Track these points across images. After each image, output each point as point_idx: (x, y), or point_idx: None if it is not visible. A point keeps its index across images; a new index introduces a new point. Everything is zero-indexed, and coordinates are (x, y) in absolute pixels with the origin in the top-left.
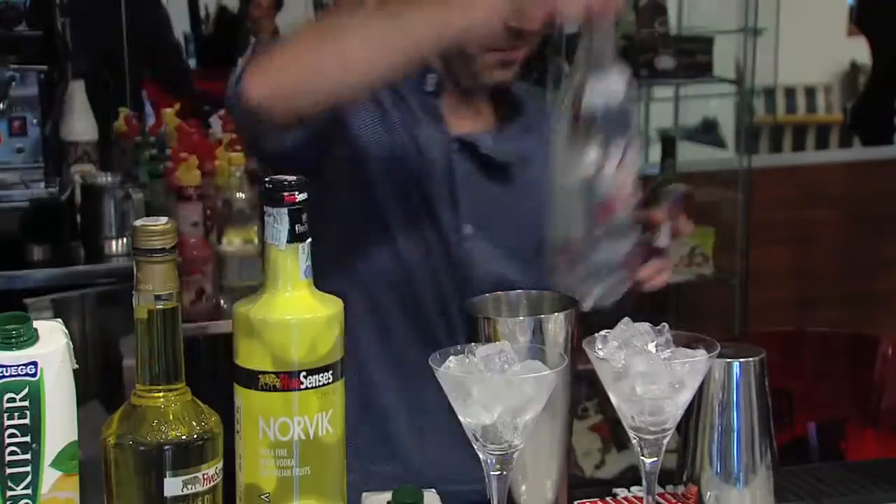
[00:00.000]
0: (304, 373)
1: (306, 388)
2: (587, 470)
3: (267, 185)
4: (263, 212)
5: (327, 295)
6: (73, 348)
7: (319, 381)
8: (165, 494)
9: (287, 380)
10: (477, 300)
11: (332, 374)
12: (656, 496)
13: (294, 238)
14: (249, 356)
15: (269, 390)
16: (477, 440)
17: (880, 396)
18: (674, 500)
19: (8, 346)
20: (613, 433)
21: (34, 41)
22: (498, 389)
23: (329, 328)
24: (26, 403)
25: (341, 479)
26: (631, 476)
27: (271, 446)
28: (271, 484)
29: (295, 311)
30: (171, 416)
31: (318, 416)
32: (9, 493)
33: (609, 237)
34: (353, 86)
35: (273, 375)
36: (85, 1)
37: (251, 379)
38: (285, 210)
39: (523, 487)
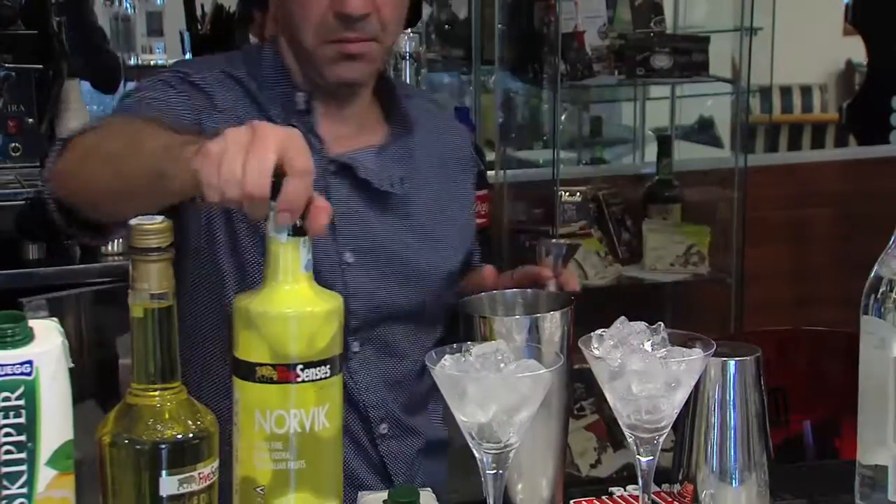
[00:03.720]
0: (301, 366)
1: (303, 381)
2: (583, 469)
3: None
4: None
5: (327, 290)
6: (69, 347)
7: (317, 374)
8: (161, 493)
9: (285, 373)
10: (473, 299)
11: (329, 369)
12: (652, 495)
13: (295, 232)
14: (248, 349)
15: (267, 382)
16: (473, 439)
17: None
18: (670, 499)
19: (3, 346)
20: (610, 432)
21: (29, 40)
22: (494, 388)
23: (328, 322)
24: (22, 402)
25: (337, 474)
26: (627, 475)
27: (267, 439)
28: (266, 477)
29: (294, 304)
30: (166, 415)
31: (315, 410)
32: (4, 493)
33: None
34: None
35: (270, 368)
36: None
37: (249, 371)
38: None
39: (519, 486)
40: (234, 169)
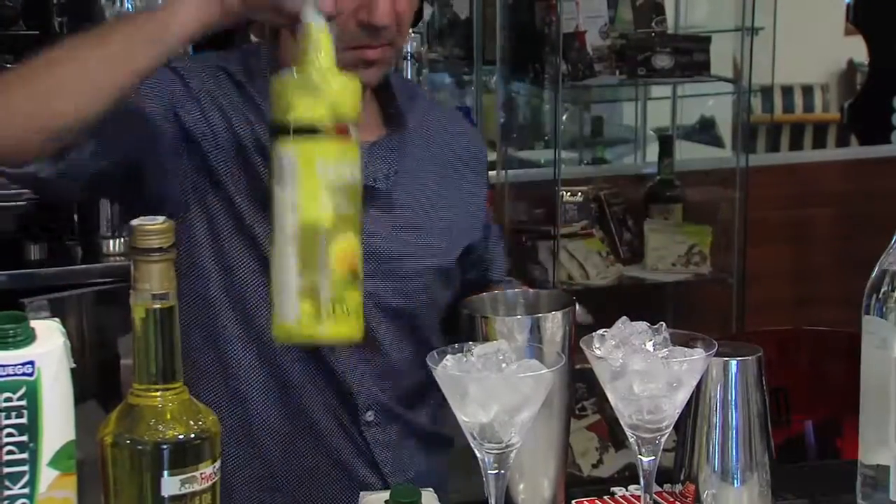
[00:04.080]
0: (352, 125)
1: (353, 139)
2: (585, 469)
3: None
4: None
5: None
6: (71, 348)
7: (357, 135)
8: (163, 494)
9: (342, 130)
10: (474, 299)
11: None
12: (654, 495)
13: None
14: (308, 110)
15: (328, 138)
16: (475, 439)
17: None
18: (671, 499)
19: (5, 346)
20: (611, 432)
21: (31, 41)
22: (495, 388)
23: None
24: (24, 403)
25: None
26: (629, 475)
27: (329, 187)
28: (329, 220)
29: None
30: (168, 416)
31: (358, 165)
32: (6, 493)
33: None
34: (70, 123)
35: (331, 126)
36: None
37: (311, 129)
38: None
39: (521, 486)
40: None
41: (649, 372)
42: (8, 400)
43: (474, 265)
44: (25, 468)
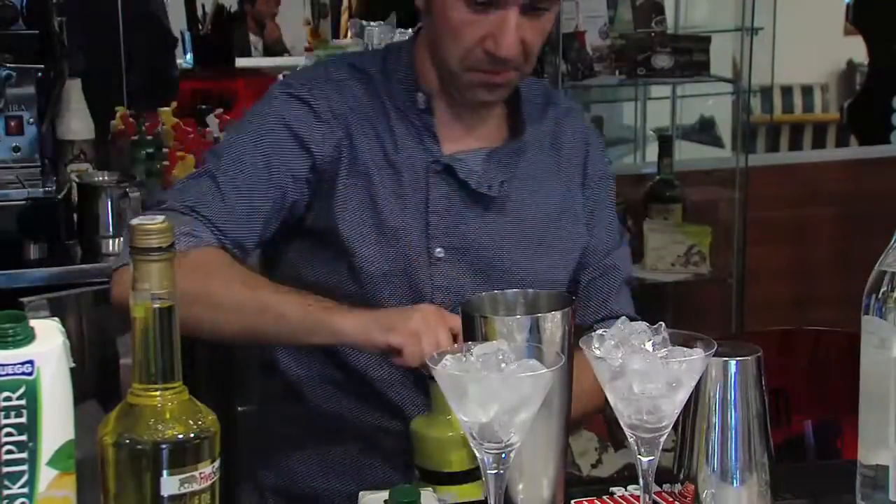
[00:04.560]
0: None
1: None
2: (584, 469)
3: None
4: None
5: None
6: (70, 347)
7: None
8: (162, 493)
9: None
10: (474, 299)
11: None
12: (653, 495)
13: None
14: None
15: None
16: (474, 438)
17: None
18: (671, 499)
19: (4, 345)
20: (611, 432)
21: (31, 40)
22: (495, 388)
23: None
24: (23, 402)
25: None
26: (628, 475)
27: None
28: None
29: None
30: (167, 415)
31: None
32: (5, 492)
33: None
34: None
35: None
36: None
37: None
38: None
39: (520, 486)
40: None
41: (649, 372)
42: (7, 399)
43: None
44: (25, 467)
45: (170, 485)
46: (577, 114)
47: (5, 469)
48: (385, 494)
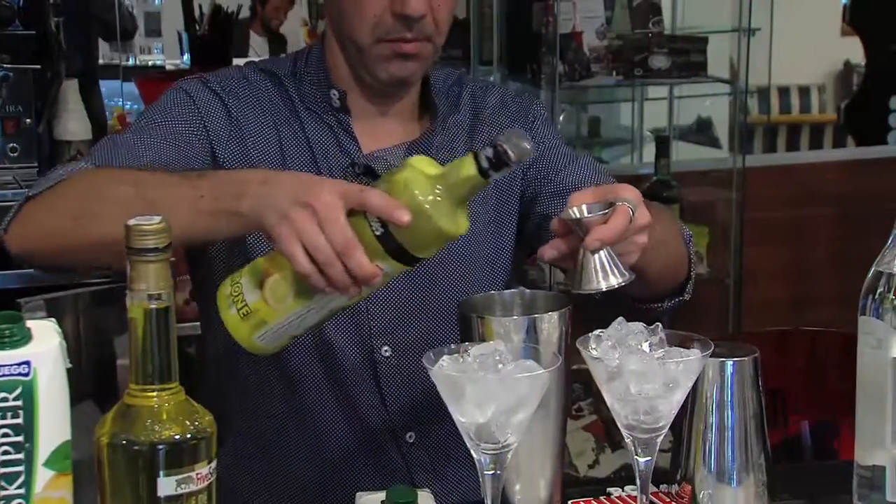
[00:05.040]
0: None
1: None
2: (581, 469)
3: None
4: None
5: None
6: (67, 348)
7: None
8: (159, 494)
9: None
10: (470, 299)
11: None
12: (650, 495)
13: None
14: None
15: None
16: (471, 439)
17: None
18: (668, 500)
19: (1, 346)
20: (608, 433)
21: (28, 40)
22: (492, 389)
23: None
24: (19, 403)
25: None
26: (625, 475)
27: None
28: None
29: None
30: (164, 416)
31: None
32: (2, 493)
33: None
34: (111, 262)
35: None
36: None
37: None
38: None
39: (517, 486)
40: (319, 245)
41: (645, 372)
42: (4, 400)
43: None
44: (21, 468)
45: (166, 485)
46: (496, 89)
47: (2, 470)
48: (382, 495)
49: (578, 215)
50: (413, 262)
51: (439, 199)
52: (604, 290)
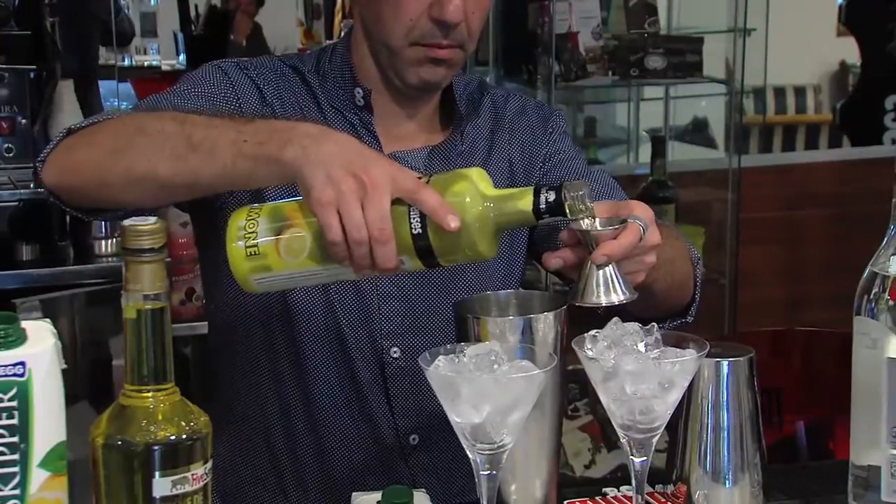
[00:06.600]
0: None
1: None
2: (577, 469)
3: None
4: None
5: None
6: (62, 348)
7: None
8: (154, 495)
9: None
10: (466, 300)
11: None
12: (646, 495)
13: None
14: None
15: None
16: (466, 439)
17: None
18: (663, 500)
19: None
20: (604, 433)
21: (23, 40)
22: (487, 389)
23: None
24: (14, 404)
25: None
26: (621, 475)
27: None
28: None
29: None
30: (159, 417)
31: None
32: None
33: None
34: (143, 200)
35: None
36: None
37: None
38: None
39: (513, 487)
40: (356, 222)
41: (641, 373)
42: None
43: None
44: (16, 469)
45: (162, 486)
46: (516, 97)
47: None
48: (378, 495)
49: (589, 227)
50: (434, 266)
51: (486, 219)
52: (604, 305)
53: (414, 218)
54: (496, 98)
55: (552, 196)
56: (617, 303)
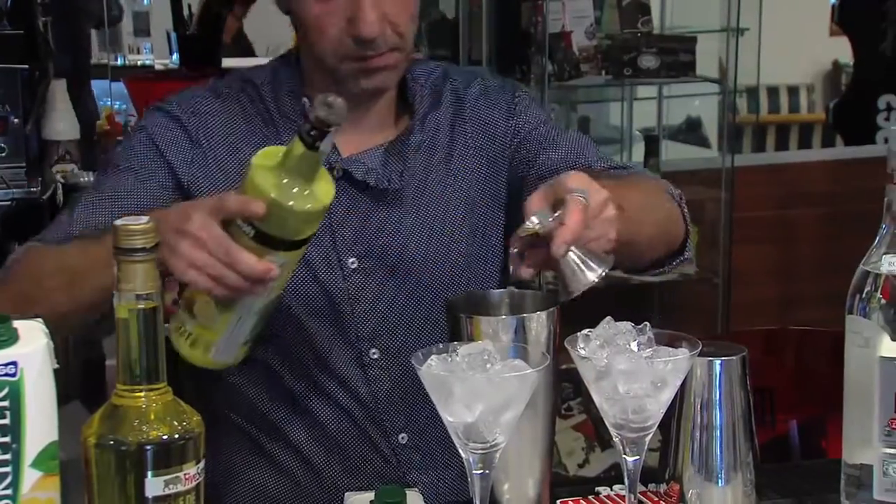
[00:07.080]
0: None
1: None
2: (571, 469)
3: None
4: None
5: None
6: (54, 348)
7: None
8: (147, 495)
9: None
10: (459, 299)
11: None
12: (638, 494)
13: None
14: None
15: None
16: (459, 438)
17: None
18: (656, 499)
19: None
20: (597, 432)
21: (15, 40)
22: (480, 388)
23: None
24: (6, 403)
25: None
26: (614, 475)
27: None
28: None
29: None
30: (152, 416)
31: None
32: None
33: None
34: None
35: None
36: None
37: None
38: None
39: (506, 486)
40: (206, 263)
41: (634, 372)
42: None
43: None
44: (8, 469)
45: (154, 486)
46: (477, 80)
47: None
48: (371, 495)
49: (534, 225)
50: (301, 245)
51: (285, 183)
52: (586, 287)
53: (243, 225)
54: (458, 85)
55: (307, 126)
56: (597, 279)
